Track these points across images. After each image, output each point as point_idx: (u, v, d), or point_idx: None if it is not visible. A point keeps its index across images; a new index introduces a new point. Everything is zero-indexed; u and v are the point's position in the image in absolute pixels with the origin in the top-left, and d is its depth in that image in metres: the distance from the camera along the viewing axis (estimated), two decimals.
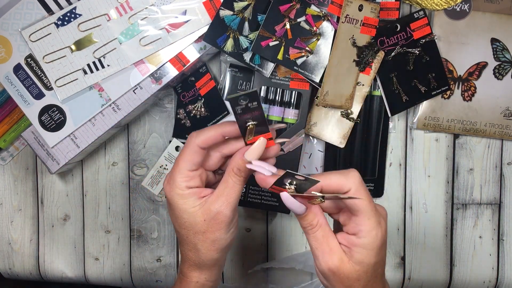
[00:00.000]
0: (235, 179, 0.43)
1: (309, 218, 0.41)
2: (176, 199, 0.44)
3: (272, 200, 0.62)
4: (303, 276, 0.68)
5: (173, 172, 0.44)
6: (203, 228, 0.44)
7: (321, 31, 0.60)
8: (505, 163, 0.67)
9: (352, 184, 0.40)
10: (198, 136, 0.44)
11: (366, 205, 0.40)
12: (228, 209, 0.43)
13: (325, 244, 0.41)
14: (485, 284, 0.68)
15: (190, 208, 0.44)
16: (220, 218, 0.44)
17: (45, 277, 0.71)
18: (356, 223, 0.41)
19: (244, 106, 0.40)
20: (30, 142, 0.62)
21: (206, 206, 0.44)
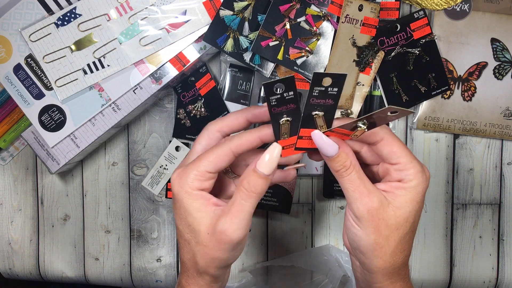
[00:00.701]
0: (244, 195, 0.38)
1: (342, 159, 0.38)
2: (184, 197, 0.39)
3: (272, 200, 0.62)
4: (303, 276, 0.68)
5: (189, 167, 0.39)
6: (204, 242, 0.39)
7: (321, 31, 0.60)
8: (505, 163, 0.67)
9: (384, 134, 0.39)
10: (234, 140, 0.38)
11: (405, 150, 0.38)
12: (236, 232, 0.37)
13: (362, 185, 0.38)
14: (485, 284, 0.68)
15: (196, 212, 0.39)
16: (224, 238, 0.38)
17: (45, 277, 0.71)
18: (399, 169, 0.39)
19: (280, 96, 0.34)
20: (30, 142, 0.62)
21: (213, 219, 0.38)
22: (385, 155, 0.39)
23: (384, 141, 0.39)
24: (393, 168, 0.39)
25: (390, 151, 0.39)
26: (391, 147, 0.39)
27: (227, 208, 0.38)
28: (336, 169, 0.39)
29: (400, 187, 0.39)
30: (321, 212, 0.68)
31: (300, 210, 0.68)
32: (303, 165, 0.44)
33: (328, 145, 0.38)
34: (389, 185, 0.39)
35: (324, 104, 0.36)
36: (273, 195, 0.62)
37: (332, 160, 0.38)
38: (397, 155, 0.39)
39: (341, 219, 0.68)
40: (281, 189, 0.62)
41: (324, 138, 0.38)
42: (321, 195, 0.67)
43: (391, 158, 0.39)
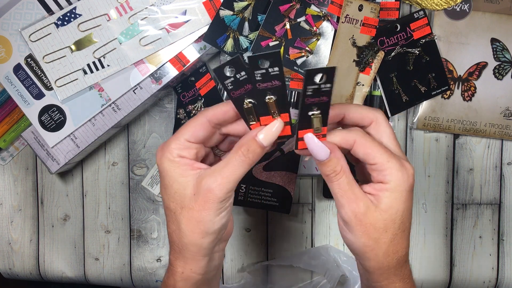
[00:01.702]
0: (240, 160, 0.39)
1: (332, 163, 0.38)
2: (167, 165, 0.40)
3: (272, 200, 0.62)
4: (303, 275, 0.68)
5: (170, 139, 0.41)
6: (190, 204, 0.39)
7: (321, 31, 0.60)
8: (505, 163, 0.67)
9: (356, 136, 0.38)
10: (209, 110, 0.40)
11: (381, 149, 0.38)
12: (221, 190, 0.38)
13: (350, 191, 0.38)
14: (485, 284, 0.68)
15: (180, 177, 0.39)
16: (209, 196, 0.38)
17: (45, 277, 0.71)
18: (377, 169, 0.38)
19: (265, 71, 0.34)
20: (30, 142, 0.62)
21: (198, 179, 0.39)
22: (362, 157, 0.39)
23: (357, 144, 0.39)
24: (373, 169, 0.39)
25: (364, 153, 0.39)
26: (364, 149, 0.38)
27: (217, 168, 0.39)
28: (327, 173, 0.39)
29: (383, 189, 0.38)
30: (321, 212, 0.68)
31: (300, 210, 0.68)
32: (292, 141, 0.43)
33: (320, 149, 0.38)
34: (373, 187, 0.39)
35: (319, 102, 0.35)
36: (273, 195, 0.62)
37: (323, 164, 0.39)
38: (372, 156, 0.38)
39: None
40: (281, 189, 0.62)
41: (316, 141, 0.38)
42: (321, 195, 0.67)
43: (368, 159, 0.39)
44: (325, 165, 0.39)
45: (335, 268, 0.65)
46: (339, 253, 0.66)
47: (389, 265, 0.40)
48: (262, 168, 0.61)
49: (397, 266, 0.40)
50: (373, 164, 0.39)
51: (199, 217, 0.39)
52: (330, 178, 0.39)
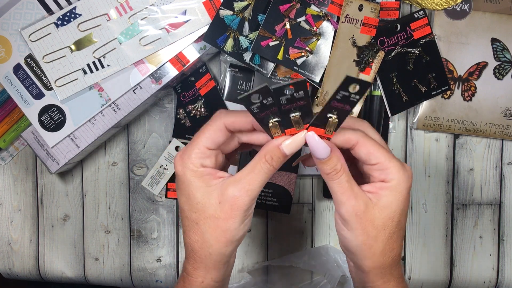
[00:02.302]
0: (264, 166, 0.39)
1: (333, 162, 0.39)
2: (189, 176, 0.40)
3: (272, 200, 0.62)
4: (303, 276, 0.68)
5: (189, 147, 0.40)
6: (216, 213, 0.39)
7: (321, 31, 0.60)
8: (505, 163, 0.67)
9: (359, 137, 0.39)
10: (228, 116, 0.40)
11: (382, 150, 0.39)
12: (247, 196, 0.39)
13: (350, 189, 0.39)
14: (485, 284, 0.68)
15: (205, 187, 0.40)
16: (236, 203, 0.39)
17: (45, 277, 0.71)
18: (379, 168, 0.39)
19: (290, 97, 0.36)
20: (30, 142, 0.62)
21: (223, 187, 0.39)
22: (363, 157, 0.40)
23: (359, 144, 0.39)
24: (374, 169, 0.40)
25: (367, 153, 0.39)
26: (367, 149, 0.39)
27: (241, 176, 0.39)
28: (327, 172, 0.39)
29: (384, 187, 0.39)
30: (321, 212, 0.68)
31: (300, 210, 0.68)
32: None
33: (321, 148, 0.38)
34: (373, 186, 0.40)
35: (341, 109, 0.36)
36: (273, 195, 0.62)
37: (323, 162, 0.39)
38: (374, 156, 0.39)
39: None
40: (281, 189, 0.62)
41: (317, 139, 0.38)
42: (321, 195, 0.67)
43: (370, 159, 0.39)
44: (325, 164, 0.39)
45: (335, 268, 0.65)
46: (339, 253, 0.66)
47: (385, 264, 0.40)
48: None
49: (392, 265, 0.41)
50: (375, 164, 0.39)
51: (225, 226, 0.39)
52: (331, 176, 0.39)
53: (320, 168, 0.40)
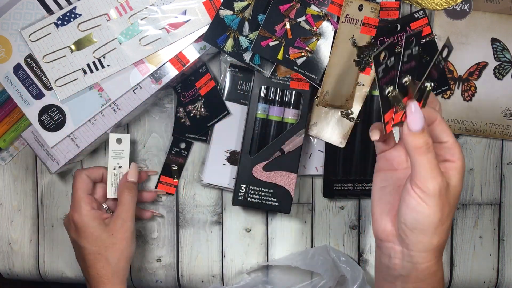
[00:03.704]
0: (128, 197, 0.58)
1: (426, 135, 0.39)
2: (86, 220, 0.56)
3: (272, 200, 0.62)
4: (302, 276, 0.68)
5: (76, 200, 0.57)
6: (112, 241, 0.56)
7: (321, 31, 0.60)
8: (505, 163, 0.67)
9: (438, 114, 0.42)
10: (87, 170, 0.60)
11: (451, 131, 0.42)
12: (129, 221, 0.57)
13: (438, 166, 0.39)
14: (485, 284, 0.68)
15: (99, 225, 0.56)
16: (124, 229, 0.57)
17: (45, 277, 0.71)
18: (448, 147, 0.41)
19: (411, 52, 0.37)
20: (30, 142, 0.62)
21: (112, 222, 0.57)
22: (438, 133, 0.42)
23: (438, 121, 0.41)
24: (442, 147, 0.42)
25: (442, 130, 0.41)
26: (443, 126, 0.41)
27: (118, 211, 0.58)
28: (419, 146, 0.39)
29: (452, 168, 0.41)
30: (321, 212, 0.68)
31: (300, 210, 0.68)
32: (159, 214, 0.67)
33: (417, 118, 0.38)
34: (443, 166, 0.41)
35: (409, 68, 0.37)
36: (273, 195, 0.62)
37: (416, 135, 0.38)
38: (447, 133, 0.41)
39: (341, 220, 0.68)
40: (281, 189, 0.62)
41: (414, 109, 0.38)
42: (321, 195, 0.67)
43: (443, 136, 0.42)
44: (418, 136, 0.38)
45: (334, 268, 0.65)
46: (338, 254, 0.66)
47: (445, 242, 0.43)
48: (262, 168, 0.61)
49: (445, 243, 0.43)
50: (445, 142, 0.42)
51: (122, 248, 0.57)
52: (422, 150, 0.39)
53: (410, 141, 0.39)
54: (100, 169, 0.61)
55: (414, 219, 0.41)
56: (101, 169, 0.61)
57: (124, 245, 0.57)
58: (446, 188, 0.40)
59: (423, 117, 0.38)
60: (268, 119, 0.63)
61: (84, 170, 0.59)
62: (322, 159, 0.65)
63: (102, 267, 0.56)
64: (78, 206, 0.57)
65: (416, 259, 0.42)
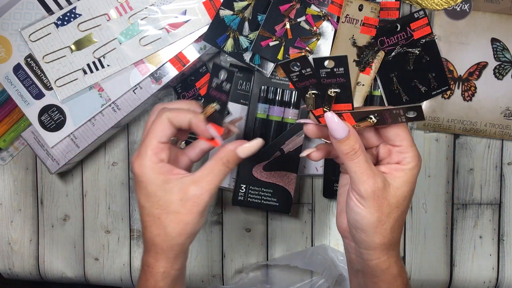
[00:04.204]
0: (221, 168, 0.44)
1: (351, 141, 0.40)
2: (149, 174, 0.43)
3: (272, 200, 0.62)
4: (302, 275, 0.68)
5: (143, 146, 0.44)
6: (177, 209, 0.43)
7: (321, 31, 0.60)
8: (505, 163, 0.67)
9: None
10: (172, 112, 0.44)
11: (408, 134, 0.42)
12: (208, 196, 0.43)
13: (369, 168, 0.40)
14: (485, 284, 0.68)
15: (164, 184, 0.43)
16: (197, 201, 0.43)
17: (45, 277, 0.71)
18: (400, 151, 0.42)
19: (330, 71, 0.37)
20: (30, 142, 0.62)
21: (184, 186, 0.43)
22: (391, 137, 0.42)
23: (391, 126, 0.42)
24: (395, 150, 0.42)
25: (395, 133, 0.42)
26: (397, 130, 0.42)
27: (201, 175, 0.43)
28: (346, 152, 0.41)
29: (399, 169, 0.42)
30: (321, 212, 0.68)
31: (300, 210, 0.68)
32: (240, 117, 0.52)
33: (340, 127, 0.40)
34: (389, 167, 0.42)
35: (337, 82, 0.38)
36: (273, 195, 0.62)
37: (342, 142, 0.40)
38: (401, 138, 0.42)
39: None
40: (281, 189, 0.62)
41: (336, 119, 0.40)
42: (321, 195, 0.67)
43: (395, 140, 0.42)
44: (343, 143, 0.40)
45: (333, 267, 0.65)
46: (337, 253, 0.66)
47: (392, 240, 0.43)
48: (262, 168, 0.61)
49: (396, 242, 0.44)
50: (398, 146, 0.42)
51: (187, 220, 0.43)
52: (350, 156, 0.41)
53: (339, 149, 0.41)
54: (188, 114, 0.44)
55: (354, 219, 0.42)
56: (189, 114, 0.44)
57: (190, 219, 0.43)
58: (382, 189, 0.41)
59: (345, 125, 0.40)
60: (268, 119, 0.63)
61: (167, 111, 0.44)
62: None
63: (158, 235, 0.44)
64: (143, 153, 0.43)
65: (365, 256, 0.43)
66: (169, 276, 0.45)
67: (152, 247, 0.44)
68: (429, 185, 0.67)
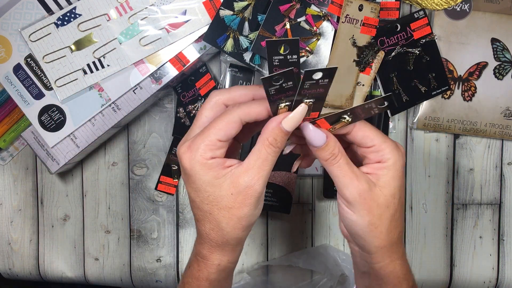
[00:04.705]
0: (269, 150, 0.39)
1: (330, 147, 0.39)
2: (198, 169, 0.39)
3: (272, 200, 0.62)
4: (303, 275, 0.68)
5: (198, 138, 0.39)
6: (229, 204, 0.39)
7: (321, 31, 0.60)
8: (505, 163, 0.67)
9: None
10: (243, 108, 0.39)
11: (377, 132, 0.41)
12: (260, 183, 0.39)
13: (350, 171, 0.40)
14: (485, 284, 0.68)
15: (214, 179, 0.39)
16: (250, 192, 0.39)
17: (45, 277, 0.71)
18: (375, 150, 0.41)
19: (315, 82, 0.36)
20: (30, 142, 0.62)
21: (234, 178, 0.39)
22: (359, 140, 0.41)
23: (356, 128, 0.41)
24: (370, 151, 0.41)
25: (363, 136, 0.41)
26: (363, 132, 0.41)
27: (249, 163, 0.39)
28: (325, 158, 0.40)
29: (381, 167, 0.40)
30: (321, 212, 0.68)
31: (300, 210, 0.68)
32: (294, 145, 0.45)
33: (316, 136, 0.39)
34: (371, 167, 0.41)
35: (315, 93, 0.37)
36: (273, 195, 0.62)
37: (321, 149, 0.40)
38: (370, 138, 0.41)
39: None
40: (281, 189, 0.62)
41: (311, 128, 0.39)
42: (321, 195, 0.67)
43: (366, 142, 0.41)
44: (323, 150, 0.40)
45: (335, 267, 0.65)
46: (338, 252, 0.66)
47: (391, 242, 0.41)
48: None
49: (397, 242, 0.42)
50: (371, 147, 0.41)
51: (240, 214, 0.40)
52: (330, 161, 0.40)
53: (318, 156, 0.40)
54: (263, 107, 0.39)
55: (348, 225, 0.42)
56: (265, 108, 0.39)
57: (244, 212, 0.39)
58: (368, 190, 0.40)
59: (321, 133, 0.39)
60: None
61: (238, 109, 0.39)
62: None
63: (211, 229, 0.41)
64: (195, 147, 0.39)
65: (369, 259, 0.43)
66: (223, 269, 0.43)
67: (207, 240, 0.42)
68: (429, 185, 0.67)
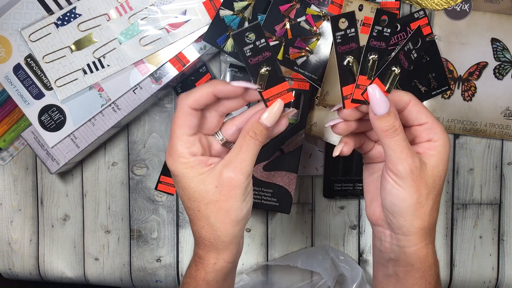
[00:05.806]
0: (250, 143, 0.40)
1: (392, 118, 0.39)
2: (181, 169, 0.41)
3: (272, 200, 0.62)
4: (302, 275, 0.68)
5: (172, 141, 0.41)
6: (215, 197, 0.40)
7: (321, 31, 0.60)
8: (505, 163, 0.67)
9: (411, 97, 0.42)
10: (188, 97, 0.40)
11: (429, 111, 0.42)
12: (242, 175, 0.40)
13: (407, 147, 0.39)
14: (485, 284, 0.68)
15: (198, 175, 0.40)
16: (233, 183, 0.40)
17: (45, 277, 0.71)
18: (428, 128, 0.41)
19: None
20: (30, 142, 0.62)
21: (217, 171, 0.40)
22: (414, 115, 0.42)
23: (412, 103, 0.41)
24: (422, 128, 0.42)
25: (418, 111, 0.41)
26: (418, 108, 0.41)
27: (231, 156, 0.41)
28: (385, 129, 0.39)
29: (432, 147, 0.41)
30: (321, 212, 0.68)
31: (300, 210, 0.68)
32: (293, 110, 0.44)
33: (382, 102, 0.39)
34: (421, 147, 0.42)
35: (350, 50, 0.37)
36: (273, 195, 0.62)
37: (382, 118, 0.39)
38: (425, 115, 0.41)
39: (341, 220, 0.68)
40: (281, 189, 0.62)
41: (379, 93, 0.39)
42: (321, 195, 0.67)
43: (420, 118, 0.41)
44: (383, 120, 0.39)
45: (333, 267, 0.65)
46: (337, 253, 0.66)
47: (430, 225, 0.41)
48: (262, 168, 0.61)
49: (433, 227, 0.42)
50: (424, 123, 0.41)
51: (227, 207, 0.40)
52: (389, 133, 0.39)
53: (377, 125, 0.40)
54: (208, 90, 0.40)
55: (391, 202, 0.41)
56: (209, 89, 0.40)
57: (230, 205, 0.40)
58: (420, 168, 0.40)
59: (387, 100, 0.39)
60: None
61: (186, 99, 0.40)
62: (322, 159, 0.65)
63: (202, 227, 0.42)
64: (173, 149, 0.41)
65: (403, 242, 0.42)
66: (220, 269, 0.43)
67: (200, 239, 0.43)
68: None
